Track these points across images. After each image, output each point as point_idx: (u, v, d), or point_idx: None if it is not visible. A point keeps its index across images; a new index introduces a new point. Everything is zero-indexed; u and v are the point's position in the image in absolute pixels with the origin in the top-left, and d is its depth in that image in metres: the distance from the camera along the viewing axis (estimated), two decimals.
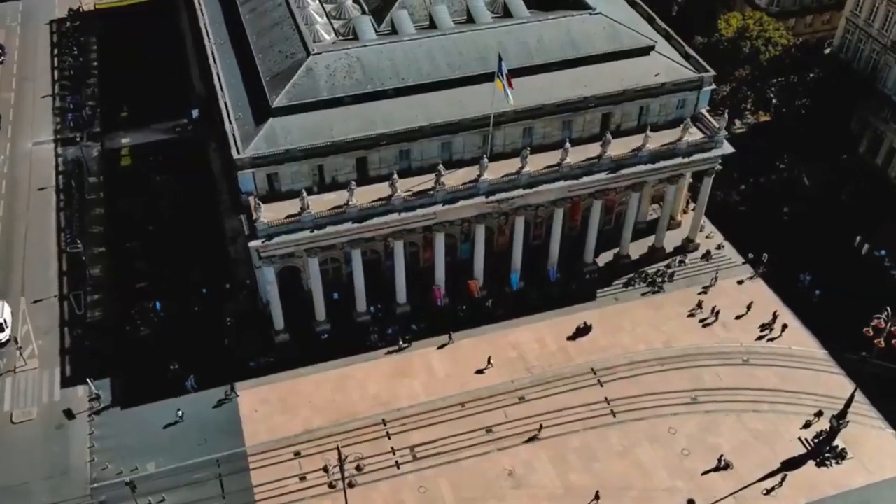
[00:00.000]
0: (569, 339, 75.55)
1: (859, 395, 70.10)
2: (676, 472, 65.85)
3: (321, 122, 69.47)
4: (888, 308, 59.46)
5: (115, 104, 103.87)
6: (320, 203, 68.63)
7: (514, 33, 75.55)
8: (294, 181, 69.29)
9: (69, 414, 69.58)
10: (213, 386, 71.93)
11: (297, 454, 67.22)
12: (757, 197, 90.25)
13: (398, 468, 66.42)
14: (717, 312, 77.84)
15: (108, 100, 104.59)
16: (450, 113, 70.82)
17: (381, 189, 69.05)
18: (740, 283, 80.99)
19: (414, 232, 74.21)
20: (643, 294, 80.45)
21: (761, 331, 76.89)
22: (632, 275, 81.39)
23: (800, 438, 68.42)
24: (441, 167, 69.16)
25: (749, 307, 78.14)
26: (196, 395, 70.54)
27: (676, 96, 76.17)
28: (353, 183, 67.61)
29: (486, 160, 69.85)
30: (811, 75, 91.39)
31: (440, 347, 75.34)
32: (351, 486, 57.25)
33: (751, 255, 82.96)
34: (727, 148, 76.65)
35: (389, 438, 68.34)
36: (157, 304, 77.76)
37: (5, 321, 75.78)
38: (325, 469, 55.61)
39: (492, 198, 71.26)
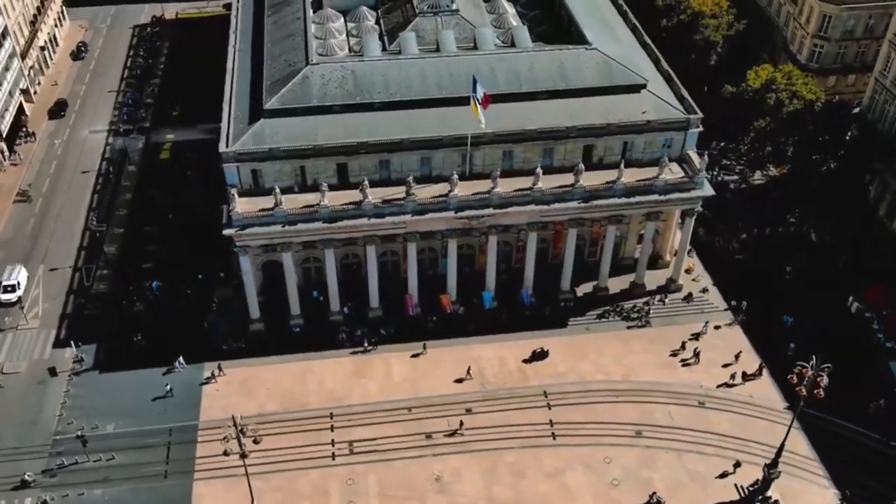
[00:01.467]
0: (525, 361, 76.65)
1: (810, 451, 69.45)
2: (601, 500, 66.23)
3: (308, 126, 74.03)
4: (814, 356, 58.80)
5: (169, 103, 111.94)
6: (298, 202, 72.75)
7: (506, 61, 78.47)
8: (277, 179, 73.87)
9: (52, 372, 75.56)
10: (190, 362, 76.51)
11: (242, 432, 70.58)
12: (759, 248, 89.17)
13: (333, 459, 69.27)
14: (698, 354, 77.48)
15: (165, 99, 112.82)
16: (431, 129, 74.09)
17: (359, 195, 72.52)
18: (717, 328, 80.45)
19: (394, 241, 77.50)
20: (628, 327, 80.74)
21: (731, 379, 75.89)
22: (607, 307, 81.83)
23: (735, 485, 67.52)
24: (411, 179, 72.29)
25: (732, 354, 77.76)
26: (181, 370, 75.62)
27: (662, 135, 77.10)
28: (325, 185, 71.64)
29: (455, 177, 72.68)
30: (830, 132, 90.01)
31: (414, 356, 77.70)
32: (244, 455, 59.80)
33: (733, 303, 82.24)
34: (707, 190, 76.94)
35: (332, 431, 71.35)
36: (154, 283, 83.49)
37: (18, 283, 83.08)
38: (225, 438, 58.67)
39: (461, 214, 73.81)
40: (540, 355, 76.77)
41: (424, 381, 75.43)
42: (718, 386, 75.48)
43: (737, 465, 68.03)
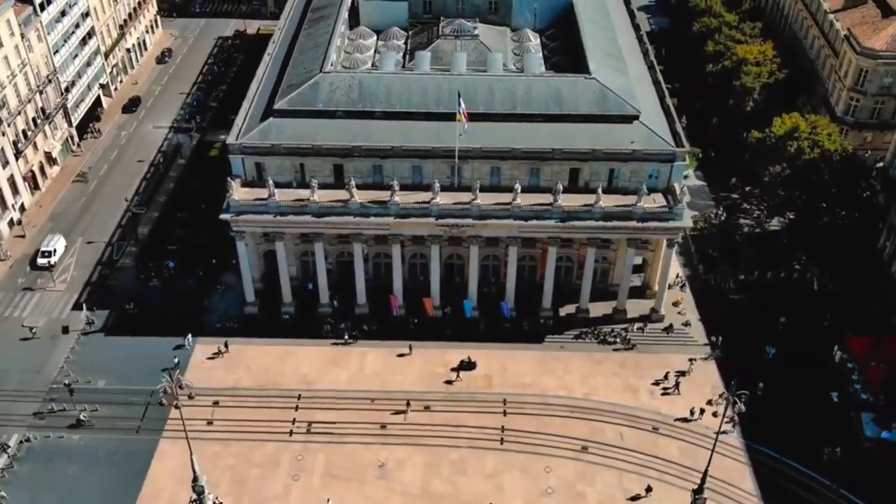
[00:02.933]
0: (453, 369, 79.61)
1: (754, 488, 69.85)
2: (529, 500, 68.21)
3: (311, 127, 80.00)
4: (734, 382, 59.77)
5: (228, 108, 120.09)
6: (293, 196, 78.57)
7: (504, 83, 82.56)
8: (278, 174, 79.96)
9: (65, 330, 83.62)
10: (182, 335, 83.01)
11: (215, 403, 76.67)
12: (756, 290, 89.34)
13: (290, 436, 74.03)
14: (678, 384, 78.54)
15: (226, 104, 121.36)
16: (422, 140, 78.64)
17: (356, 195, 77.71)
18: (691, 360, 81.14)
19: (386, 243, 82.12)
20: (615, 349, 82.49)
21: (691, 414, 76.51)
22: (585, 329, 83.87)
23: None
24: (396, 184, 76.99)
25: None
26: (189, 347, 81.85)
27: (648, 165, 79.15)
28: (315, 182, 77.21)
29: (437, 185, 76.93)
30: (841, 183, 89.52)
31: (399, 356, 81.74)
32: (177, 406, 64.11)
33: (713, 338, 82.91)
34: (686, 222, 78.47)
35: (296, 411, 76.15)
36: (171, 263, 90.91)
37: (55, 250, 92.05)
38: (163, 390, 62.98)
39: (442, 221, 77.91)
40: (467, 366, 79.47)
41: (393, 376, 79.37)
42: (678, 419, 75.66)
43: (648, 489, 68.86)
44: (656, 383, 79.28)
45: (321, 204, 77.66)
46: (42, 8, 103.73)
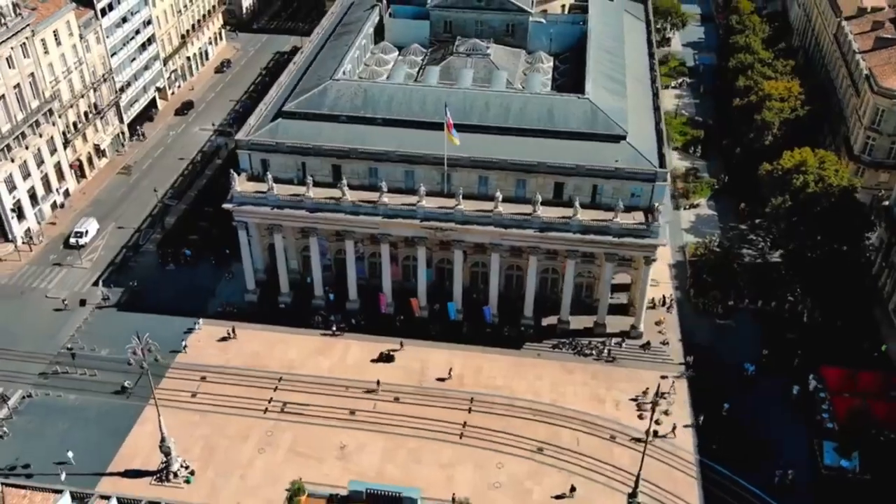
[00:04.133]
0: (372, 361, 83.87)
1: (698, 500, 70.84)
2: (475, 495, 70.94)
3: (314, 129, 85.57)
4: (658, 385, 61.77)
5: None
6: (291, 191, 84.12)
7: (500, 99, 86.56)
8: (282, 171, 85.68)
9: (82, 303, 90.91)
10: (189, 316, 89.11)
11: (202, 378, 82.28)
12: (744, 316, 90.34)
13: (264, 413, 78.83)
14: (655, 403, 79.98)
15: None
16: (416, 147, 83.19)
17: (352, 195, 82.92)
18: (664, 377, 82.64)
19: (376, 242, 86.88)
20: (594, 360, 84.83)
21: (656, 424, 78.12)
22: (563, 340, 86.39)
23: None
24: (384, 186, 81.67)
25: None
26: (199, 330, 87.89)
27: (630, 183, 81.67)
28: (311, 179, 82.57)
29: (423, 189, 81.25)
30: (838, 218, 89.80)
31: (392, 351, 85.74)
32: (142, 367, 69.24)
33: (688, 358, 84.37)
34: (662, 240, 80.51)
35: (274, 391, 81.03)
36: (188, 251, 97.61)
37: (87, 232, 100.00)
38: (134, 352, 68.29)
39: (426, 224, 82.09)
40: (386, 357, 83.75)
41: (372, 368, 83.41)
42: (637, 440, 76.72)
43: (572, 489, 71.01)
44: (634, 399, 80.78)
45: (316, 200, 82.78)
46: (103, 13, 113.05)
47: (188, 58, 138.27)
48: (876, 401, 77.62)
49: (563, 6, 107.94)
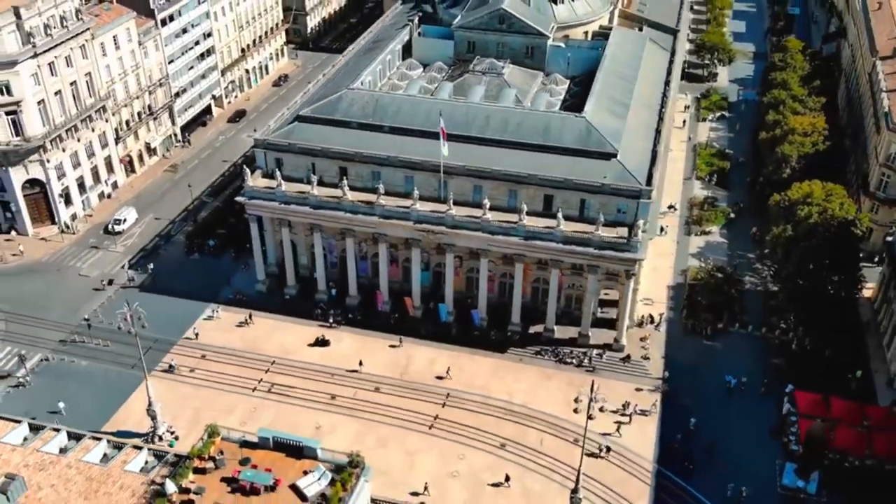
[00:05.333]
0: (310, 345, 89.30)
1: None
2: (433, 481, 74.67)
3: (325, 133, 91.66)
4: (592, 382, 64.53)
5: None
6: (298, 189, 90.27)
7: (501, 114, 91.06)
8: (294, 171, 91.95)
9: (110, 282, 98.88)
10: (203, 301, 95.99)
11: (202, 356, 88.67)
12: (731, 339, 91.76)
13: (252, 392, 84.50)
14: (631, 415, 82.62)
15: None
16: (417, 154, 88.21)
17: (353, 195, 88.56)
18: (638, 390, 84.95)
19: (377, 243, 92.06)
20: (575, 368, 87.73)
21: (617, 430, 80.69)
22: (546, 347, 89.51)
23: None
24: (381, 188, 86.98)
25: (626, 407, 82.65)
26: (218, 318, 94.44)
27: (616, 200, 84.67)
28: (314, 177, 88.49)
29: (417, 193, 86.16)
30: (832, 249, 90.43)
31: (391, 346, 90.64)
32: (130, 333, 75.04)
33: (665, 373, 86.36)
34: (640, 255, 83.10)
35: (266, 373, 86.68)
36: (212, 242, 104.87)
37: (125, 219, 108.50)
38: (123, 318, 74.49)
39: (419, 226, 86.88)
40: (322, 342, 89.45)
41: (360, 358, 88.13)
42: (595, 455, 78.58)
43: (507, 478, 74.18)
44: (615, 412, 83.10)
45: (319, 198, 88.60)
46: (163, 23, 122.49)
47: (247, 70, 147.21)
48: (844, 427, 77.88)
49: (587, 33, 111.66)
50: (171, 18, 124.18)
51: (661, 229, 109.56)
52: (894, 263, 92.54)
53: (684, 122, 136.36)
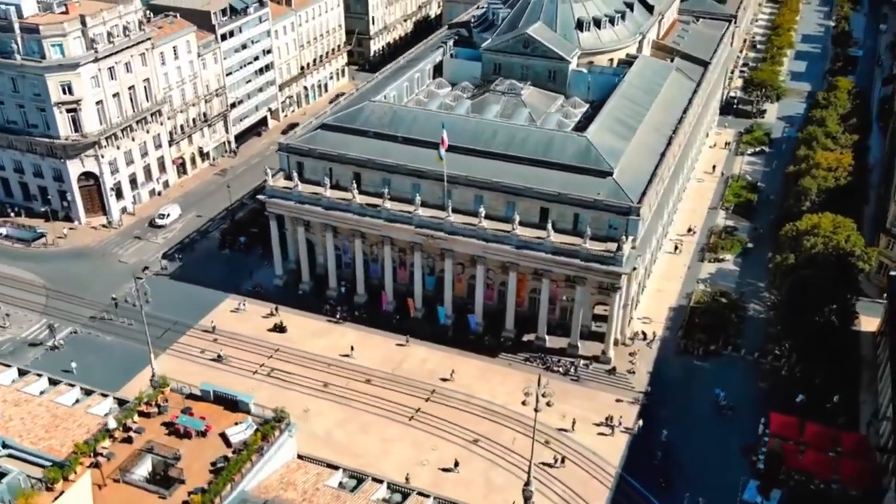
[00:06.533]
0: (269, 330, 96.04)
1: None
2: (403, 467, 78.84)
3: (345, 141, 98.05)
4: (539, 377, 68.04)
5: None
6: (312, 190, 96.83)
7: (507, 130, 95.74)
8: (313, 174, 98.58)
9: (144, 269, 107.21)
10: (225, 291, 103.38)
11: (214, 339, 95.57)
12: (721, 361, 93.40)
13: (253, 374, 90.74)
14: (613, 426, 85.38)
15: None
16: (424, 164, 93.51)
17: (361, 199, 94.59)
18: (619, 401, 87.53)
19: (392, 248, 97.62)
20: (561, 376, 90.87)
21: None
22: (535, 354, 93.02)
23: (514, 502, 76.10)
24: (387, 191, 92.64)
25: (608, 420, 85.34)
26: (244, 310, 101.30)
27: (607, 215, 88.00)
28: (327, 179, 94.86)
29: (419, 198, 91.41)
30: (830, 279, 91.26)
31: (398, 345, 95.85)
32: (134, 306, 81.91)
33: (647, 388, 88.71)
34: (625, 269, 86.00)
35: (268, 359, 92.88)
36: (242, 239, 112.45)
37: (168, 214, 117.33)
38: (133, 288, 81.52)
39: (419, 230, 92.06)
40: (279, 328, 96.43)
41: (359, 352, 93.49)
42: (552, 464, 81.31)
43: (456, 463, 78.36)
44: (598, 424, 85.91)
45: (331, 199, 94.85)
46: (223, 38, 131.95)
47: (305, 87, 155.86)
48: (812, 450, 78.67)
49: (611, 60, 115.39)
50: (232, 34, 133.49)
51: (676, 247, 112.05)
52: (894, 298, 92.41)
53: (726, 144, 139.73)
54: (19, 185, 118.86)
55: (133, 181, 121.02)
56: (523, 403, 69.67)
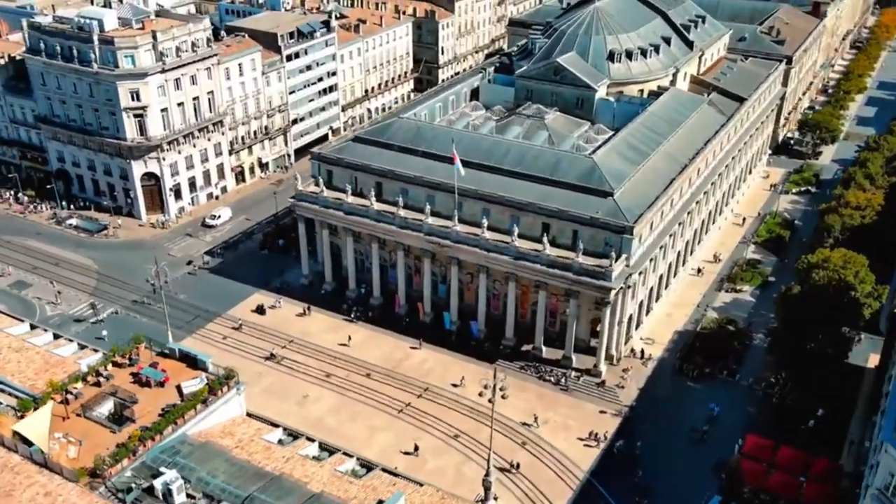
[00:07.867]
0: (252, 311, 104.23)
1: None
2: (384, 453, 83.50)
3: (371, 153, 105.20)
4: (503, 377, 72.36)
5: None
6: (335, 196, 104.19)
7: (519, 149, 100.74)
8: (340, 181, 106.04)
9: (188, 263, 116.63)
10: (255, 286, 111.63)
11: (236, 328, 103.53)
12: (715, 384, 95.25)
13: (264, 361, 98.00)
14: (597, 438, 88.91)
15: None
16: (440, 177, 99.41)
17: (378, 206, 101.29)
18: (602, 412, 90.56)
19: (408, 254, 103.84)
20: (552, 386, 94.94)
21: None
22: (530, 363, 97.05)
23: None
24: (401, 200, 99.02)
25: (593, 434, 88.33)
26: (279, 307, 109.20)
27: (603, 233, 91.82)
28: (349, 186, 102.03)
29: (428, 208, 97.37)
30: (829, 311, 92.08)
31: (412, 348, 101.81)
32: (155, 292, 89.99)
33: (633, 403, 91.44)
34: (615, 285, 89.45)
35: (281, 349, 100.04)
36: (281, 241, 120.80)
37: (220, 216, 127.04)
38: (155, 273, 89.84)
39: (428, 237, 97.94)
40: (260, 310, 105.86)
41: (365, 349, 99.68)
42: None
43: (416, 448, 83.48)
44: (582, 439, 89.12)
45: (351, 205, 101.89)
46: (289, 59, 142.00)
47: (369, 109, 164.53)
48: (780, 472, 79.88)
49: (641, 91, 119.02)
50: (297, 55, 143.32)
51: (699, 270, 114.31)
52: (892, 333, 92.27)
53: (771, 186, 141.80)
54: (91, 181, 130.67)
55: (192, 184, 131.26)
56: (480, 395, 74.04)
